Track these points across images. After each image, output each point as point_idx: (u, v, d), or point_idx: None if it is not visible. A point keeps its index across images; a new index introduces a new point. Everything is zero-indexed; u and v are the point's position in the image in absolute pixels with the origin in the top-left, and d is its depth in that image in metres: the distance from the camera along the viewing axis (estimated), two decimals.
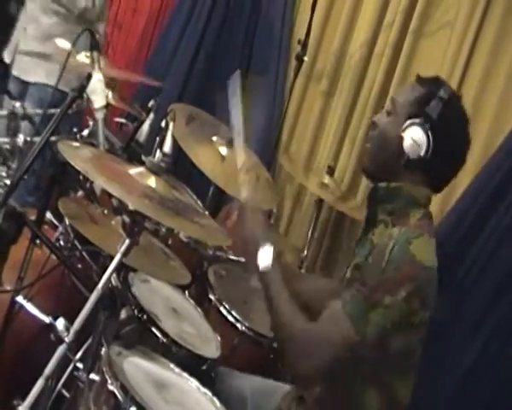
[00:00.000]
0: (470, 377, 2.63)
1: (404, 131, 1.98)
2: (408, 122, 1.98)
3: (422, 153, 1.94)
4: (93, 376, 1.77)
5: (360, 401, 1.95)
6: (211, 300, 2.57)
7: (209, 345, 2.31)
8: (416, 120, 1.97)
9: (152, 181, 1.85)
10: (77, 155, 1.86)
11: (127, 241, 1.79)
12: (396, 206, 1.99)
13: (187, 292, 2.56)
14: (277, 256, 2.08)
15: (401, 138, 1.98)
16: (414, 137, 1.96)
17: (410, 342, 1.92)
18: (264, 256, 1.92)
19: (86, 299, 2.06)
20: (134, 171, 1.88)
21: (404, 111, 2.01)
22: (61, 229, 2.39)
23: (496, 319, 2.59)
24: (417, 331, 1.92)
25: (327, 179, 3.34)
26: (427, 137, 1.94)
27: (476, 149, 2.93)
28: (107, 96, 2.27)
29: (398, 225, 1.94)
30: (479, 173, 2.85)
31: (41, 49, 3.37)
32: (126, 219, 1.81)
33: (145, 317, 2.16)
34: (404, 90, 2.12)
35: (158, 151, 2.00)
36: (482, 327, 2.63)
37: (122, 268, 2.15)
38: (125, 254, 1.80)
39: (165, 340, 2.15)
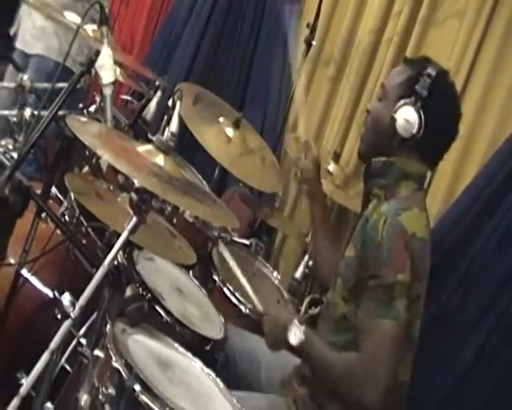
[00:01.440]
0: (468, 375, 2.63)
1: (395, 112, 2.02)
2: (399, 103, 2.02)
3: (415, 130, 1.99)
4: (97, 352, 1.76)
5: None
6: (215, 281, 2.57)
7: (213, 326, 2.30)
8: (407, 100, 2.01)
9: (160, 159, 1.84)
10: (85, 130, 1.85)
11: (134, 219, 1.78)
12: (388, 180, 2.04)
13: (191, 272, 2.55)
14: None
15: (394, 120, 2.03)
16: (406, 116, 2.00)
17: (407, 317, 1.90)
18: (295, 334, 1.99)
19: (90, 275, 2.06)
20: (142, 148, 1.87)
21: (394, 93, 2.06)
22: (65, 204, 2.38)
23: (496, 316, 2.58)
24: (415, 305, 1.92)
25: (331, 166, 3.32)
26: (419, 114, 1.99)
27: (482, 144, 2.93)
28: (115, 72, 2.26)
29: (389, 198, 2.01)
30: (481, 170, 2.83)
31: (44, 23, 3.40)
32: (134, 196, 1.80)
33: (149, 295, 2.15)
34: (392, 73, 2.17)
35: (165, 130, 1.99)
36: (482, 324, 2.62)
37: (128, 246, 2.14)
38: (131, 231, 1.78)
39: (168, 319, 2.14)
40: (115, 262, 1.82)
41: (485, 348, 2.58)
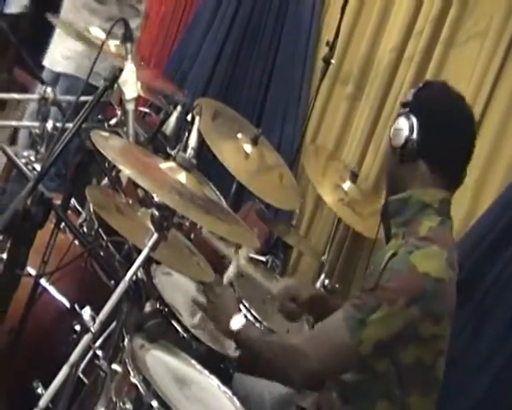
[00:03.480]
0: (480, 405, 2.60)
1: (390, 132, 2.00)
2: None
3: (407, 134, 1.93)
4: (115, 366, 1.76)
5: None
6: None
7: (230, 343, 2.29)
8: (399, 112, 2.00)
9: (182, 177, 1.84)
10: (108, 145, 1.85)
11: (155, 235, 1.79)
12: (407, 217, 1.96)
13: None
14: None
15: (390, 139, 2.00)
16: (396, 126, 1.97)
17: (423, 356, 1.90)
18: (237, 321, 2.00)
19: (107, 287, 2.07)
20: (164, 165, 1.87)
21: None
22: (84, 215, 2.38)
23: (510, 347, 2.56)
24: (430, 345, 1.90)
25: (347, 185, 3.28)
26: (408, 118, 1.94)
27: (502, 169, 2.90)
28: (137, 88, 2.27)
29: (408, 235, 1.92)
30: (501, 194, 2.80)
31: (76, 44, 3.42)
32: (155, 213, 1.80)
33: (166, 310, 2.15)
34: None
35: (186, 146, 1.99)
36: (495, 356, 2.60)
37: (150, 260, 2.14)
38: (152, 248, 1.79)
39: (185, 335, 2.14)
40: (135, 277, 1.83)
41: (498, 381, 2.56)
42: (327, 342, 1.90)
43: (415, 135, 1.93)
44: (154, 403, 1.65)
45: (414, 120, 1.93)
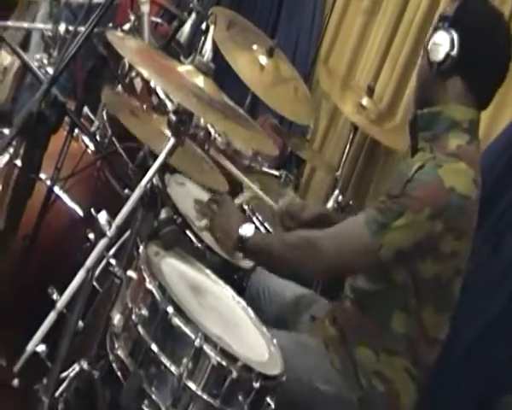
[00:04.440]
0: (494, 324, 2.60)
1: (428, 44, 1.94)
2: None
3: (447, 49, 1.88)
4: (130, 273, 1.74)
5: (387, 324, 1.96)
6: (244, 210, 2.53)
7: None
8: (437, 26, 1.94)
9: (200, 80, 1.79)
10: (124, 45, 1.79)
11: (172, 140, 1.74)
12: (436, 132, 1.93)
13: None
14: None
15: (427, 53, 1.94)
16: (435, 40, 1.92)
17: (442, 272, 1.90)
18: (248, 229, 2.01)
19: (120, 196, 2.04)
20: (182, 68, 1.82)
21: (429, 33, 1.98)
22: (96, 123, 2.33)
23: None
24: (450, 261, 1.90)
25: (365, 100, 3.24)
26: (449, 33, 1.89)
27: None
28: None
29: (436, 150, 1.90)
30: None
31: None
32: (172, 117, 1.75)
33: (180, 220, 2.12)
34: None
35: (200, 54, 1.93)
36: (510, 278, 2.58)
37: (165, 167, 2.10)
38: (169, 153, 1.75)
39: (199, 245, 2.12)
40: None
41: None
42: (347, 239, 1.92)
43: (455, 50, 1.88)
44: (170, 309, 1.63)
45: (455, 35, 1.88)
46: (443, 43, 1.89)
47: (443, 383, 2.43)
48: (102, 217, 1.64)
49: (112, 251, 2.00)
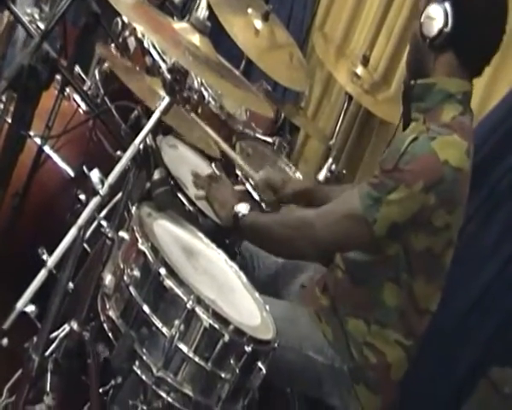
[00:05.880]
0: (488, 291, 2.60)
1: (421, 16, 1.90)
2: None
3: (441, 24, 1.85)
4: (122, 234, 1.71)
5: (379, 297, 1.96)
6: (237, 175, 2.50)
7: None
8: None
9: (196, 38, 1.75)
10: (119, 1, 1.74)
11: (167, 99, 1.70)
12: (429, 103, 1.92)
13: (213, 164, 2.48)
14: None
15: (421, 26, 1.90)
16: (429, 14, 1.88)
17: (435, 245, 1.90)
18: (244, 207, 2.01)
19: (112, 158, 2.00)
20: (178, 25, 1.77)
21: (423, 3, 1.93)
22: (88, 83, 2.29)
23: None
24: (441, 235, 1.89)
25: (360, 70, 3.21)
26: (442, 8, 1.85)
27: None
28: None
29: (430, 122, 1.88)
30: None
31: None
32: (167, 76, 1.71)
33: (172, 183, 2.09)
34: None
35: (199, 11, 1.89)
36: (505, 242, 2.58)
37: (158, 127, 2.06)
38: (163, 112, 1.71)
39: (191, 208, 2.09)
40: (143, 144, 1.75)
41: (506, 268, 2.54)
42: (341, 216, 1.90)
43: (449, 25, 1.85)
44: (163, 271, 1.60)
45: (449, 8, 1.84)
46: (436, 17, 1.86)
47: (436, 351, 2.44)
48: (95, 175, 1.60)
49: (103, 213, 1.98)
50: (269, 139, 2.89)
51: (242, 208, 2.01)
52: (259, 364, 1.65)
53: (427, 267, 1.93)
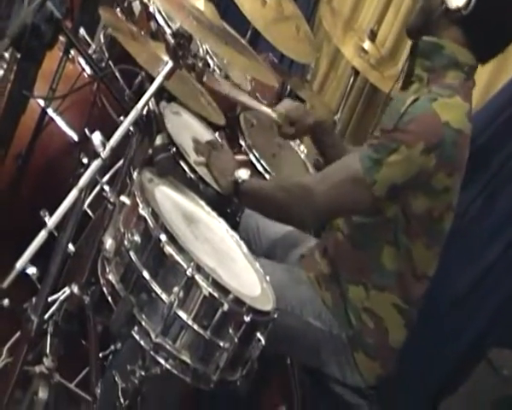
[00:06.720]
0: (488, 274, 2.60)
1: None
2: None
3: (461, 3, 1.81)
4: (123, 198, 1.70)
5: (377, 259, 1.96)
6: (241, 145, 2.49)
7: None
8: None
9: (200, 3, 1.73)
10: None
11: (170, 63, 1.68)
12: (435, 63, 1.90)
13: (217, 133, 2.46)
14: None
15: None
16: None
17: (434, 207, 1.89)
18: (244, 172, 1.99)
19: (115, 123, 1.98)
20: None
21: None
22: (93, 47, 2.27)
23: None
24: (440, 198, 1.89)
25: (367, 44, 3.18)
26: None
27: None
28: None
29: (432, 83, 1.87)
30: None
31: None
32: (171, 40, 1.69)
33: (174, 150, 2.07)
34: None
35: None
36: (507, 227, 2.57)
37: (161, 92, 2.04)
38: (166, 77, 1.69)
39: (192, 176, 2.07)
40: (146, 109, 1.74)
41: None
42: (339, 180, 1.89)
43: (468, 8, 1.81)
44: (163, 237, 1.59)
45: None
46: None
47: (436, 330, 2.44)
48: (97, 137, 1.59)
49: (106, 178, 1.97)
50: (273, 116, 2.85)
51: (242, 174, 1.99)
52: (258, 334, 1.64)
53: (427, 231, 1.92)
